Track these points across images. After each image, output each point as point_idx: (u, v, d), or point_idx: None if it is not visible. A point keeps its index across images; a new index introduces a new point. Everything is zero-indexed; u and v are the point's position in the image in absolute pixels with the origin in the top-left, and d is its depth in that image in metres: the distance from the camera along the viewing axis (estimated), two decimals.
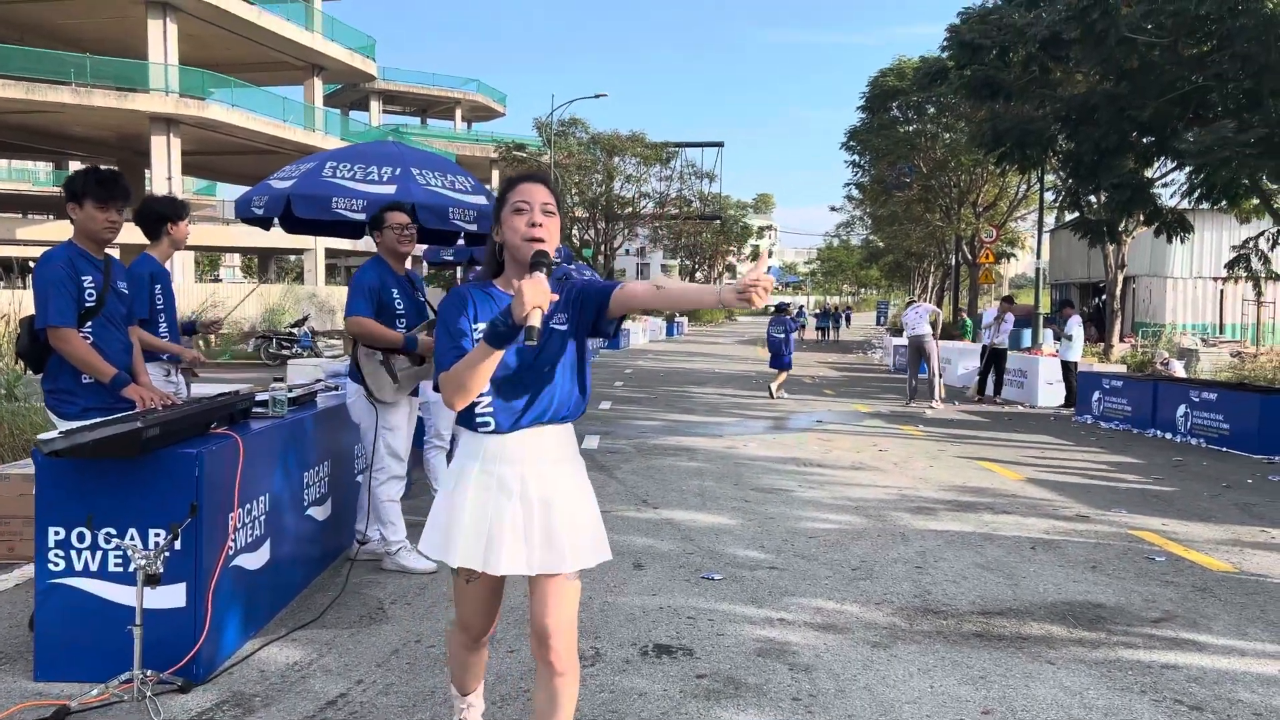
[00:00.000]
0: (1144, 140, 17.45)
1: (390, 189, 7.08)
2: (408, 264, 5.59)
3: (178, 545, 3.62)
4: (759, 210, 63.52)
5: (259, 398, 4.76)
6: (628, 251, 55.41)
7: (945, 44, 18.60)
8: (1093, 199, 19.43)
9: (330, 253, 44.79)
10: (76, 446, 3.47)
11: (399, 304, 5.37)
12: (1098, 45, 15.74)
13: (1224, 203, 17.18)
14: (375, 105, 57.05)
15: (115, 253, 4.47)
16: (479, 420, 2.62)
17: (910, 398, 15.90)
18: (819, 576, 5.53)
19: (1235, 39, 14.93)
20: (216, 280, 56.55)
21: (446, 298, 2.68)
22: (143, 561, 3.41)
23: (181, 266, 32.64)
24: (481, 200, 7.54)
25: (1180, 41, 16.03)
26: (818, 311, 50.85)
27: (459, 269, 16.69)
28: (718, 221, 52.30)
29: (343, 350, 24.04)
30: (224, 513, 3.94)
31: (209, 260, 65.23)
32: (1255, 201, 18.02)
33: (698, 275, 63.17)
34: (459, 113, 63.29)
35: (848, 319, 53.91)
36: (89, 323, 4.10)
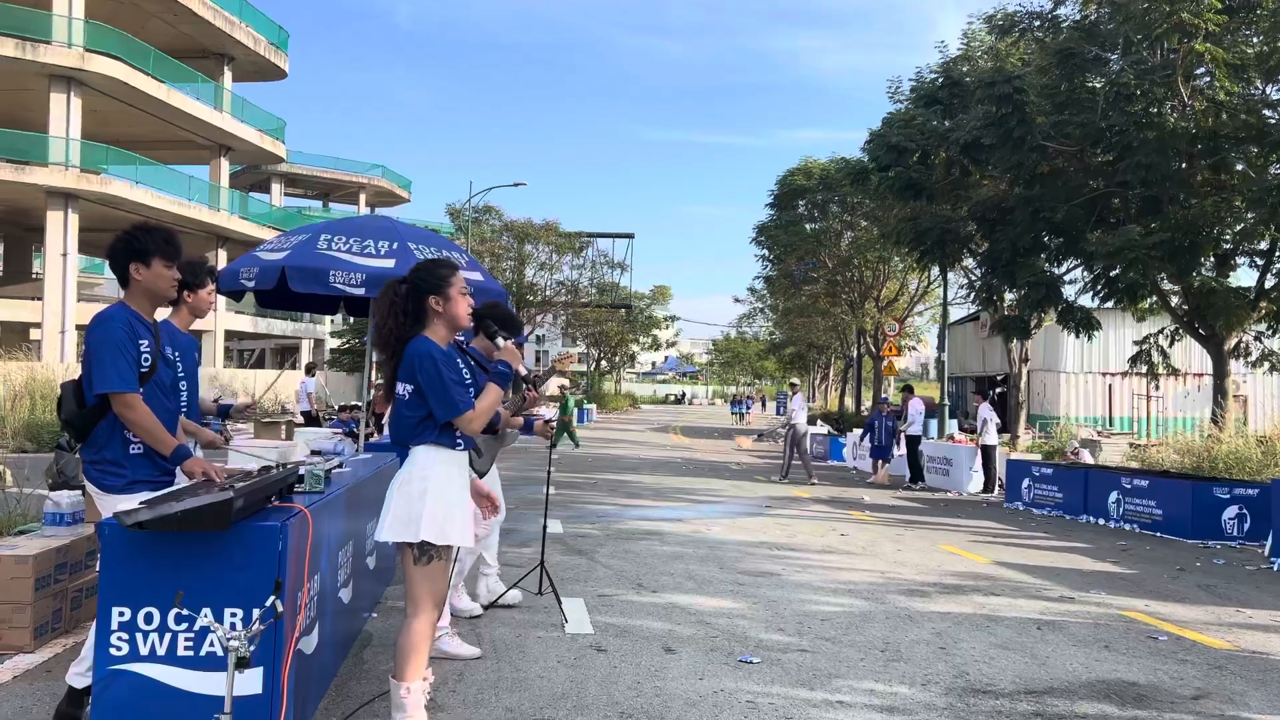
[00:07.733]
0: (1054, 241, 18.44)
1: (389, 263, 6.95)
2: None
3: (257, 624, 3.37)
4: (656, 301, 64.88)
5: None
6: (539, 339, 55.42)
7: (868, 146, 19.49)
8: (1008, 296, 20.34)
9: (228, 334, 43.40)
10: (163, 518, 3.22)
11: (466, 375, 5.26)
12: (1015, 150, 16.71)
13: (1124, 301, 18.15)
14: (277, 187, 56.15)
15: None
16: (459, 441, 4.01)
17: (784, 475, 17.83)
18: (852, 659, 5.47)
19: (1137, 151, 16.05)
20: None
21: (448, 358, 4.05)
22: (236, 644, 3.14)
23: (60, 346, 31.02)
24: (478, 276, 7.47)
25: (1086, 151, 17.15)
26: (739, 399, 52.18)
27: None
28: (624, 310, 52.83)
29: (254, 433, 23.05)
30: (294, 591, 3.69)
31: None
32: (1149, 301, 19.12)
33: (601, 363, 63.36)
34: (363, 197, 62.80)
35: (757, 404, 55.93)
36: (140, 388, 3.85)
